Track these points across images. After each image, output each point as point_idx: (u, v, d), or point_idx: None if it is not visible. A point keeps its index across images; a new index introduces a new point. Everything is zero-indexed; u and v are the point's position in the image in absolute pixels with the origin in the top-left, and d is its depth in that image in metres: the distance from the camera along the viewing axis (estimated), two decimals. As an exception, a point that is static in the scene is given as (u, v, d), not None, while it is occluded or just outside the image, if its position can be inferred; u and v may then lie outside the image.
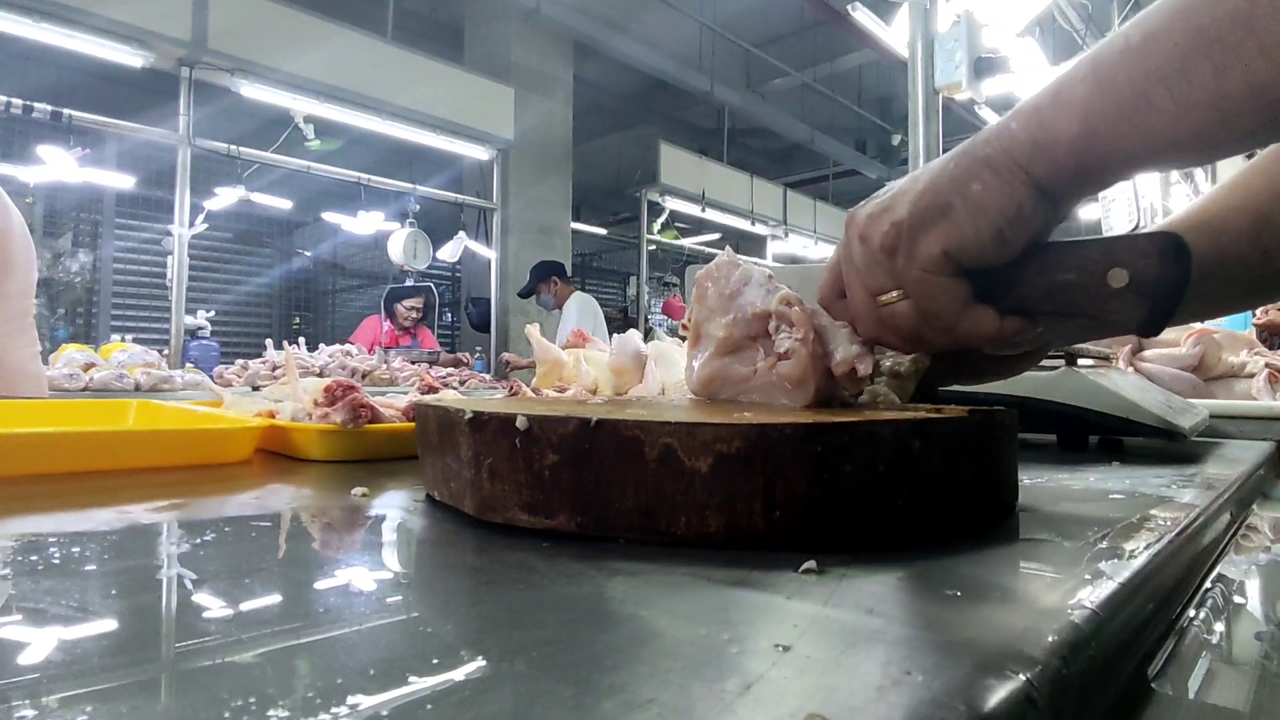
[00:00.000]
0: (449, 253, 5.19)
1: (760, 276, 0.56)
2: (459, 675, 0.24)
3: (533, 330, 1.17)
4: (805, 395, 0.52)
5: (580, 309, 4.53)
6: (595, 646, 0.27)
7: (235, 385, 2.84)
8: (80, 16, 3.26)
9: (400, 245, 4.76)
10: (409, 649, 0.27)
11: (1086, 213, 4.16)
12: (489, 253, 5.42)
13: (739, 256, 0.60)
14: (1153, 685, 0.36)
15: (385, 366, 3.27)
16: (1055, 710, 0.25)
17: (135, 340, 3.20)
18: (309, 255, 8.31)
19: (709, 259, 0.62)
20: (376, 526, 0.49)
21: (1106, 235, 0.48)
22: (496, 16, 5.77)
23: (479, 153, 5.08)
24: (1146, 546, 0.41)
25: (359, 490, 0.57)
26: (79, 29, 3.29)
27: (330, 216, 5.60)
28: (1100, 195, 3.64)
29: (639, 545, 0.41)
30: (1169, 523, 0.48)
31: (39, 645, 0.27)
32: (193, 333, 4.16)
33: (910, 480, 0.41)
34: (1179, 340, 1.49)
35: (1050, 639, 0.28)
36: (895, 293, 0.48)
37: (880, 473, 0.41)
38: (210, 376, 2.91)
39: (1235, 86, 0.36)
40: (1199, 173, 4.38)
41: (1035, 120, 0.43)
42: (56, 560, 0.37)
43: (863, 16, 3.65)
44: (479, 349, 5.35)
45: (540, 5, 5.41)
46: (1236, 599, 0.50)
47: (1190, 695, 0.37)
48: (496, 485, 0.45)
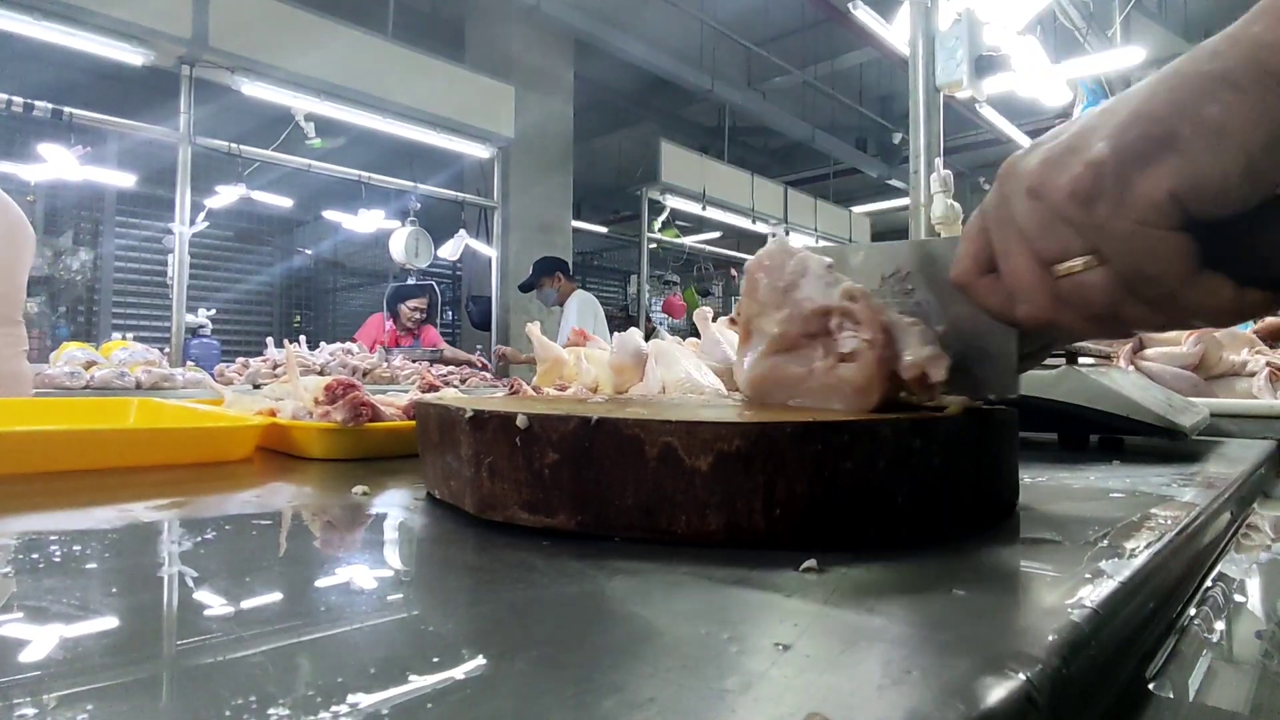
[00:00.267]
0: (450, 251, 5.19)
1: (819, 266, 0.50)
2: (459, 674, 0.24)
3: (533, 328, 1.17)
4: (868, 401, 0.47)
5: (580, 308, 4.50)
6: (595, 645, 0.27)
7: (236, 383, 2.84)
8: (81, 15, 3.26)
9: (401, 243, 4.76)
10: (409, 647, 0.27)
11: None
12: (490, 251, 5.42)
13: (791, 243, 0.53)
14: (1153, 684, 0.36)
15: (386, 365, 3.27)
16: (1055, 709, 0.25)
17: (136, 338, 3.20)
18: (310, 253, 8.31)
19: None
20: (377, 525, 0.49)
21: None
22: (497, 14, 5.76)
23: (480, 151, 5.08)
24: (1147, 545, 0.41)
25: (359, 488, 0.58)
26: (80, 27, 3.29)
27: (331, 215, 5.59)
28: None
29: (639, 544, 0.41)
30: (1170, 522, 0.48)
31: (40, 643, 0.27)
32: (194, 331, 4.16)
33: (911, 479, 0.41)
34: (1180, 339, 1.49)
35: (1050, 638, 0.28)
36: (1084, 258, 0.37)
37: (881, 471, 0.41)
38: (211, 375, 2.91)
39: None
40: None
41: None
42: (58, 558, 0.38)
43: (864, 15, 3.64)
44: (479, 347, 5.35)
45: (541, 3, 5.40)
46: (1237, 598, 0.50)
47: (1191, 694, 0.37)
48: (497, 484, 0.45)
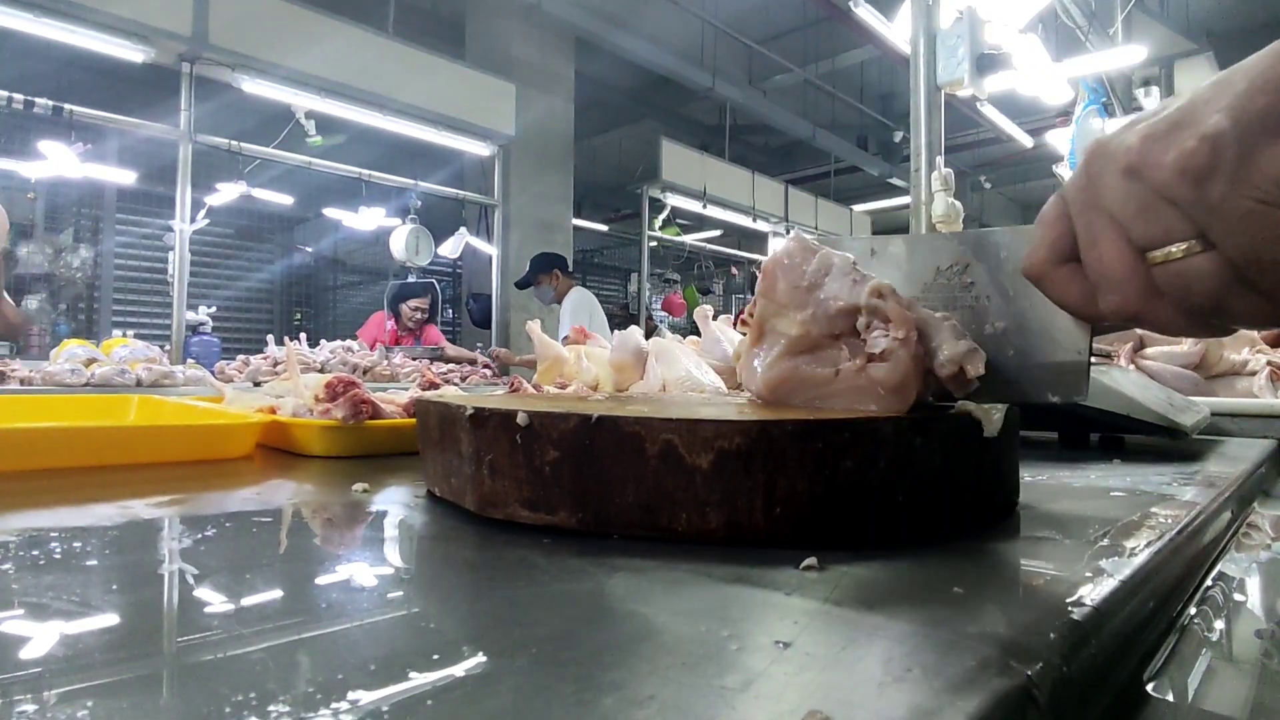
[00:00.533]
0: (450, 249, 5.19)
1: (844, 264, 0.49)
2: (460, 671, 0.24)
3: (533, 326, 1.17)
4: (903, 401, 0.45)
5: (575, 305, 4.43)
6: (596, 643, 0.27)
7: (236, 381, 2.84)
8: (82, 12, 3.26)
9: (402, 241, 4.76)
10: (410, 645, 0.27)
11: None
12: (490, 249, 5.42)
13: (812, 240, 0.52)
14: (1152, 684, 0.36)
15: (386, 363, 3.27)
16: (1056, 707, 0.25)
17: (137, 336, 3.20)
18: (310, 251, 8.31)
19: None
20: (377, 522, 0.49)
21: None
22: (498, 12, 5.76)
23: (480, 148, 5.07)
24: (1147, 544, 0.41)
25: (360, 486, 0.58)
26: (80, 24, 3.28)
27: (331, 212, 5.60)
28: None
29: (639, 542, 0.41)
30: (1170, 520, 0.48)
31: (41, 640, 0.27)
32: (194, 328, 4.16)
33: (911, 477, 0.41)
34: (1180, 338, 1.49)
35: (1051, 636, 0.28)
36: (1188, 243, 0.34)
37: (881, 470, 0.41)
38: (211, 372, 2.91)
39: None
40: None
41: None
42: (58, 555, 0.38)
43: (865, 13, 3.64)
44: (480, 345, 5.35)
45: (541, 1, 5.40)
46: (1237, 597, 0.50)
47: (1190, 694, 0.37)
48: (497, 481, 0.45)
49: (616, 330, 1.00)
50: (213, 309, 4.60)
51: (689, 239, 8.03)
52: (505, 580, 0.35)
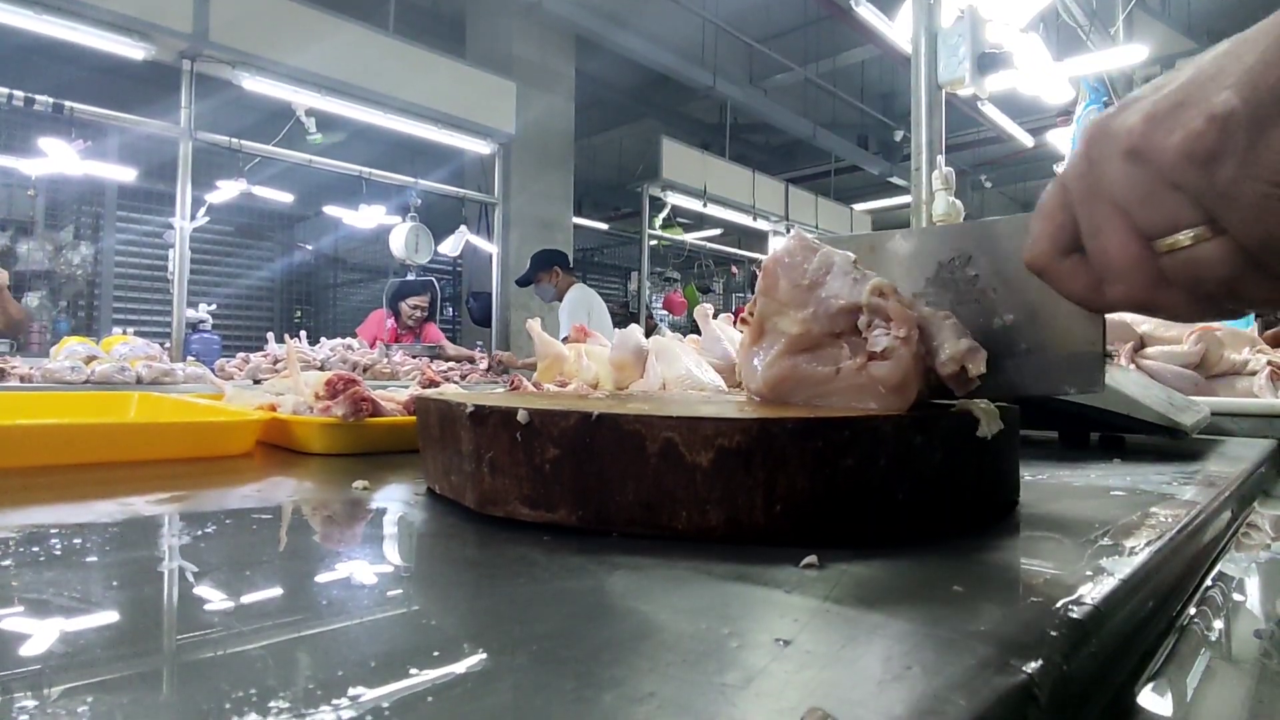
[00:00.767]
0: (450, 247, 5.18)
1: (844, 262, 0.49)
2: (460, 668, 0.24)
3: (534, 325, 1.17)
4: (904, 399, 0.45)
5: (573, 303, 4.41)
6: (596, 640, 0.27)
7: (236, 378, 2.84)
8: (82, 9, 3.25)
9: (402, 239, 4.75)
10: (410, 642, 0.27)
11: None
12: (490, 247, 5.41)
13: (812, 238, 0.52)
14: (1152, 683, 0.36)
15: (386, 361, 3.27)
16: (1056, 705, 0.25)
17: (137, 333, 3.20)
18: (310, 249, 8.31)
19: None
20: (377, 520, 0.49)
21: None
22: (498, 10, 5.75)
23: (480, 147, 5.07)
24: (1148, 543, 0.41)
25: (360, 483, 0.58)
26: (81, 21, 3.28)
27: (332, 210, 5.59)
28: None
29: (639, 539, 0.41)
30: (1170, 520, 0.48)
31: (41, 636, 0.27)
32: (194, 326, 4.16)
33: (911, 476, 0.41)
34: (1181, 337, 1.49)
35: (1052, 634, 0.28)
36: (1196, 229, 0.32)
37: (881, 468, 0.41)
38: (212, 369, 2.91)
39: None
40: None
41: None
42: (58, 551, 0.38)
43: (866, 12, 3.64)
44: (479, 343, 5.35)
45: (542, -1, 5.40)
46: (1236, 596, 0.50)
47: (1189, 693, 0.37)
48: (498, 479, 0.45)
49: (617, 329, 1.00)
50: (213, 306, 4.60)
51: (689, 238, 8.02)
52: (505, 578, 0.35)
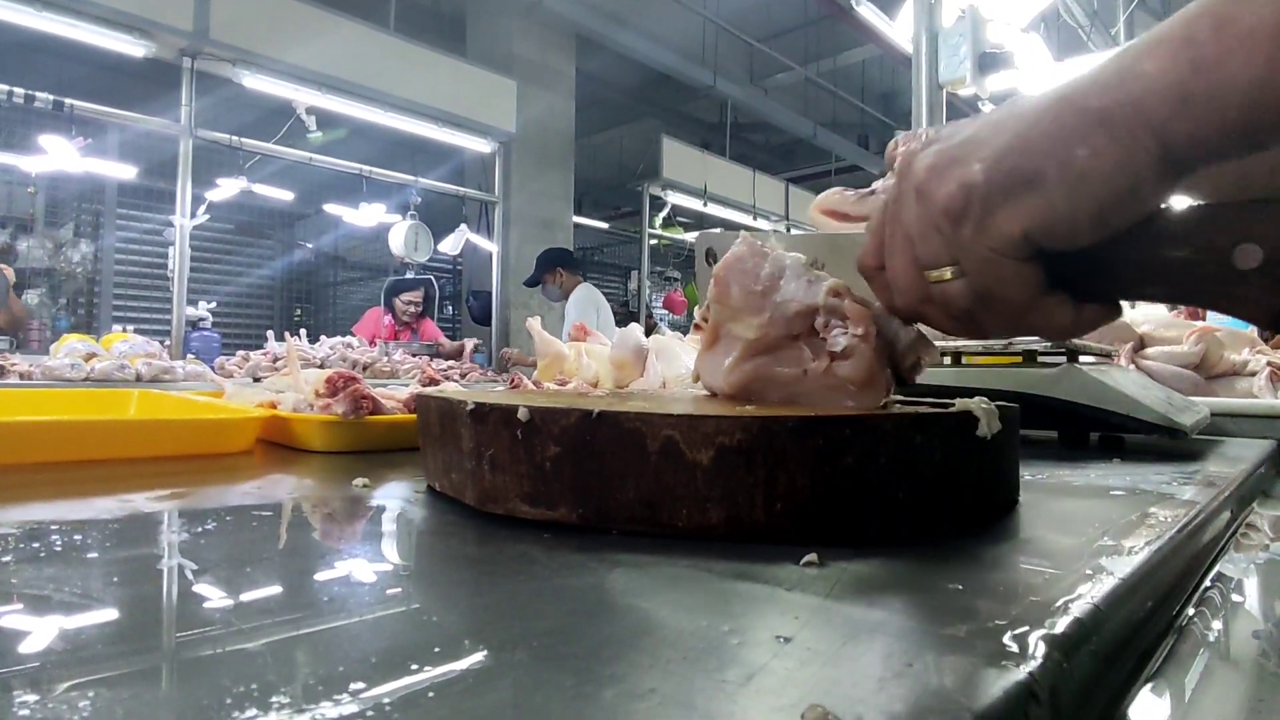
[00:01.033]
0: (450, 245, 5.18)
1: (796, 265, 0.49)
2: (461, 665, 0.24)
3: (533, 323, 1.17)
4: (876, 396, 0.46)
5: (579, 302, 4.43)
6: (596, 637, 0.27)
7: (236, 376, 2.84)
8: (82, 6, 3.25)
9: (401, 237, 4.75)
10: (411, 639, 0.27)
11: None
12: (491, 246, 5.41)
13: (761, 242, 0.52)
14: (1151, 683, 0.36)
15: (386, 359, 3.27)
16: (1056, 704, 0.25)
17: (137, 331, 3.20)
18: (310, 247, 8.30)
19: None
20: (378, 517, 0.49)
21: (1232, 202, 0.35)
22: (499, 9, 5.75)
23: (481, 145, 5.07)
24: (1147, 543, 0.41)
25: (360, 481, 0.58)
26: (81, 18, 3.28)
27: (332, 208, 5.59)
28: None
29: (640, 537, 0.41)
30: (1169, 520, 0.48)
31: (41, 633, 0.27)
32: (194, 324, 4.16)
33: (912, 474, 0.41)
34: (1181, 338, 1.49)
35: (1052, 633, 0.28)
36: (950, 269, 0.38)
37: (882, 466, 0.41)
38: (212, 367, 2.91)
39: None
40: None
41: (1187, 60, 0.30)
42: (58, 548, 0.38)
43: (867, 11, 3.64)
44: (479, 342, 5.34)
45: (543, -2, 5.39)
46: (1235, 597, 0.50)
47: (1188, 693, 0.37)
48: (498, 476, 0.45)
49: (618, 328, 1.00)
50: (213, 304, 4.60)
51: (689, 237, 8.02)
52: (505, 575, 0.35)
